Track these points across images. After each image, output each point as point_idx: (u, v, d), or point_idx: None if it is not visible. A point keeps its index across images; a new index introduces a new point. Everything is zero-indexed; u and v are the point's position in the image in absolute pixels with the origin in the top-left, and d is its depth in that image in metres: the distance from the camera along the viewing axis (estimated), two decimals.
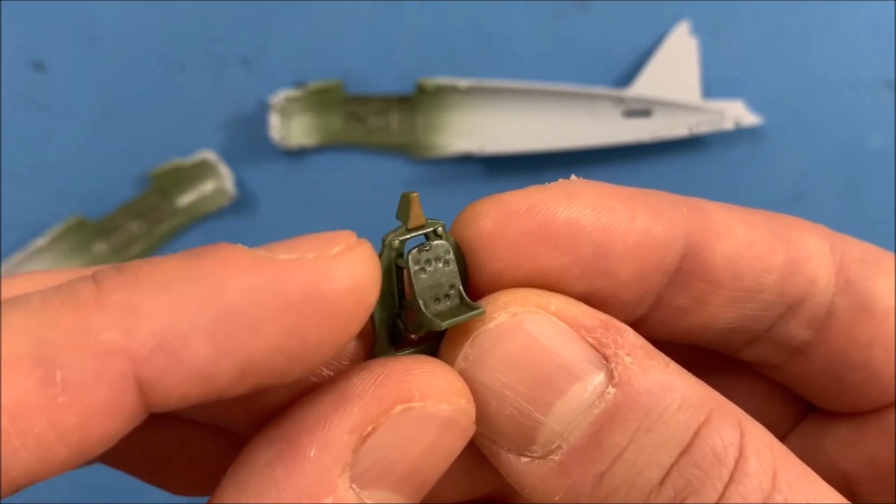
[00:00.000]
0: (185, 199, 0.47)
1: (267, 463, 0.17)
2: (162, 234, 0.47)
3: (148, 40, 0.47)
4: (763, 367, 0.23)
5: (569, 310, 0.19)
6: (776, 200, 0.47)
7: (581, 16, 0.47)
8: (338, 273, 0.17)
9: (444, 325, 0.19)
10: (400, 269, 0.20)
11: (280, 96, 0.46)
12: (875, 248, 0.22)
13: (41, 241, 0.46)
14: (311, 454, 0.17)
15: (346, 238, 0.18)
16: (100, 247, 0.47)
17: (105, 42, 0.47)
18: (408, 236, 0.19)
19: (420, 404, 0.17)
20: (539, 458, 0.18)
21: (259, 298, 0.16)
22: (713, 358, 0.24)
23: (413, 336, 0.20)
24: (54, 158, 0.47)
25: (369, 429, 0.17)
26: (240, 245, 0.17)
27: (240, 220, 0.47)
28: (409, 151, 0.47)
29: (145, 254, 0.47)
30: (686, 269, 0.20)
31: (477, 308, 0.19)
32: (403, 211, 0.20)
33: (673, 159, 0.47)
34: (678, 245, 0.20)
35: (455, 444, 0.18)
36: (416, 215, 0.19)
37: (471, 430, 0.18)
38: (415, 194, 0.19)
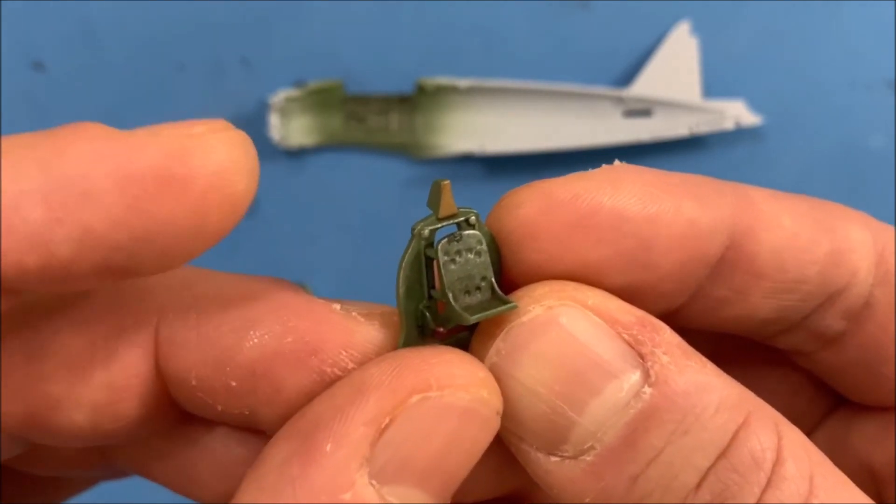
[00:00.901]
0: None
1: (283, 460, 0.16)
2: None
3: (148, 40, 0.46)
4: (794, 355, 0.23)
5: (605, 305, 0.18)
6: None
7: (581, 16, 0.47)
8: (193, 152, 0.16)
9: (473, 319, 0.18)
10: (429, 260, 0.19)
11: (280, 96, 0.46)
12: None
13: None
14: (327, 449, 0.16)
15: (216, 123, 0.17)
16: None
17: (105, 42, 0.46)
18: (438, 225, 0.19)
19: (437, 394, 0.17)
20: (570, 458, 0.18)
21: (99, 168, 0.15)
22: (743, 346, 0.23)
23: (441, 329, 0.19)
24: None
25: (386, 421, 0.16)
26: (100, 123, 0.16)
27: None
28: (409, 151, 0.47)
29: None
30: (729, 260, 0.20)
31: (509, 302, 0.18)
32: (434, 199, 0.19)
33: (673, 159, 0.47)
34: (723, 236, 0.19)
35: (478, 437, 0.17)
36: (447, 204, 0.19)
37: (495, 422, 0.18)
38: (446, 182, 0.18)
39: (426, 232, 0.19)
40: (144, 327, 0.19)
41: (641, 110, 0.46)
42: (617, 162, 0.19)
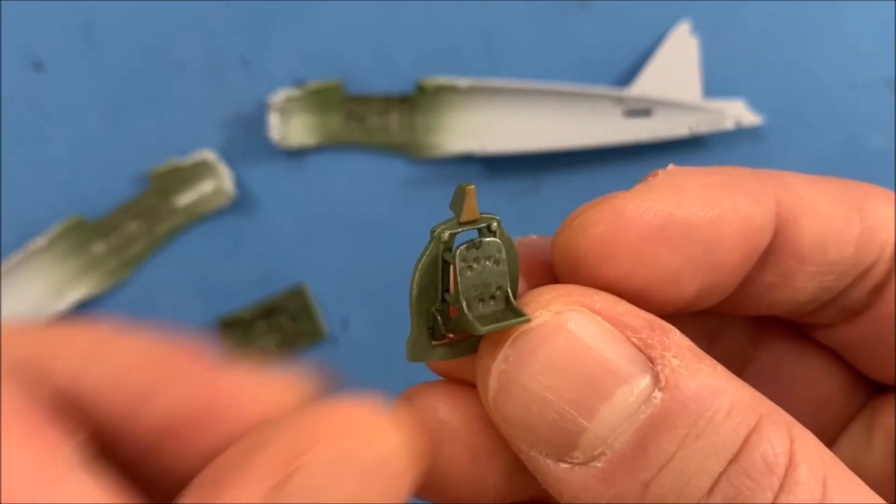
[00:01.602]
0: (185, 199, 0.47)
1: None
2: (161, 234, 0.47)
3: (147, 40, 0.46)
4: (815, 329, 0.23)
5: (613, 308, 0.18)
6: None
7: (581, 15, 0.47)
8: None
9: (485, 329, 0.18)
10: (446, 264, 0.18)
11: (280, 96, 0.46)
12: None
13: (40, 241, 0.45)
14: None
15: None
16: (98, 247, 0.47)
17: (104, 42, 0.46)
18: (459, 230, 0.18)
19: (335, 447, 0.16)
20: (580, 464, 0.17)
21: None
22: (777, 337, 0.23)
23: (451, 335, 0.19)
24: (53, 158, 0.46)
25: (283, 476, 0.16)
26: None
27: (239, 220, 0.47)
28: (409, 151, 0.47)
29: (144, 254, 0.47)
30: (775, 248, 0.20)
31: (522, 315, 0.18)
32: (457, 203, 0.18)
33: (673, 159, 0.47)
34: (772, 226, 0.20)
35: (386, 493, 0.16)
36: (470, 209, 0.18)
37: (405, 475, 0.17)
38: (471, 186, 0.18)
39: (446, 235, 0.18)
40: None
41: (641, 110, 0.46)
42: (671, 166, 0.20)
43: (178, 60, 0.47)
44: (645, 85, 0.46)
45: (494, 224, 0.18)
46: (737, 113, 0.45)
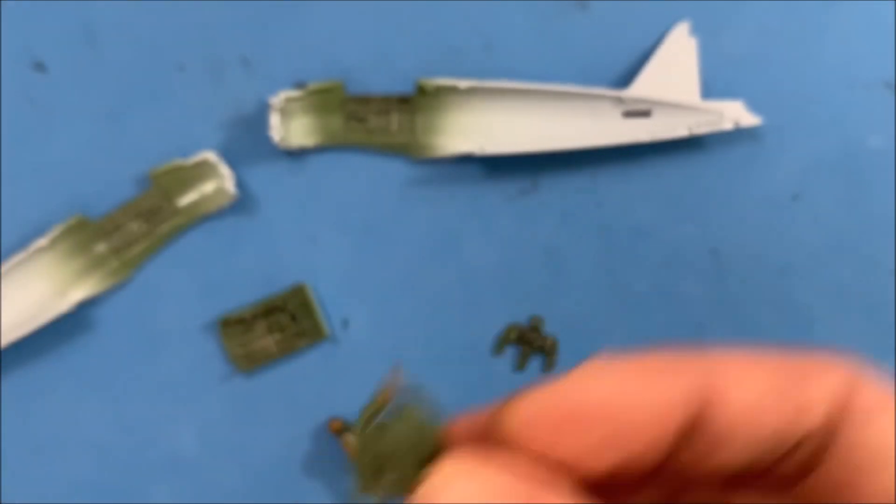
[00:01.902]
0: (186, 199, 0.47)
1: None
2: (162, 234, 0.47)
3: (148, 40, 0.47)
4: (782, 480, 0.24)
5: (499, 477, 0.21)
6: (776, 201, 0.47)
7: (581, 16, 0.47)
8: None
9: (360, 496, 0.22)
10: (376, 431, 0.23)
11: (280, 96, 0.46)
12: (887, 396, 0.23)
13: (42, 241, 0.46)
14: None
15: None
16: (100, 247, 0.47)
17: (105, 42, 0.47)
18: (379, 411, 0.23)
19: None
20: None
21: None
22: (750, 485, 0.25)
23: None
24: (54, 158, 0.47)
25: None
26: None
27: (240, 220, 0.47)
28: (409, 151, 0.47)
29: (146, 254, 0.47)
30: (699, 424, 0.22)
31: (419, 479, 0.22)
32: (379, 391, 0.23)
33: (672, 159, 0.47)
34: (694, 404, 0.22)
35: None
36: (386, 397, 0.23)
37: None
38: (391, 386, 0.23)
39: (367, 414, 0.23)
40: None
41: (640, 111, 0.46)
42: (600, 356, 0.22)
43: (178, 61, 0.47)
44: (644, 85, 0.46)
45: (410, 406, 0.23)
46: (736, 114, 0.46)
